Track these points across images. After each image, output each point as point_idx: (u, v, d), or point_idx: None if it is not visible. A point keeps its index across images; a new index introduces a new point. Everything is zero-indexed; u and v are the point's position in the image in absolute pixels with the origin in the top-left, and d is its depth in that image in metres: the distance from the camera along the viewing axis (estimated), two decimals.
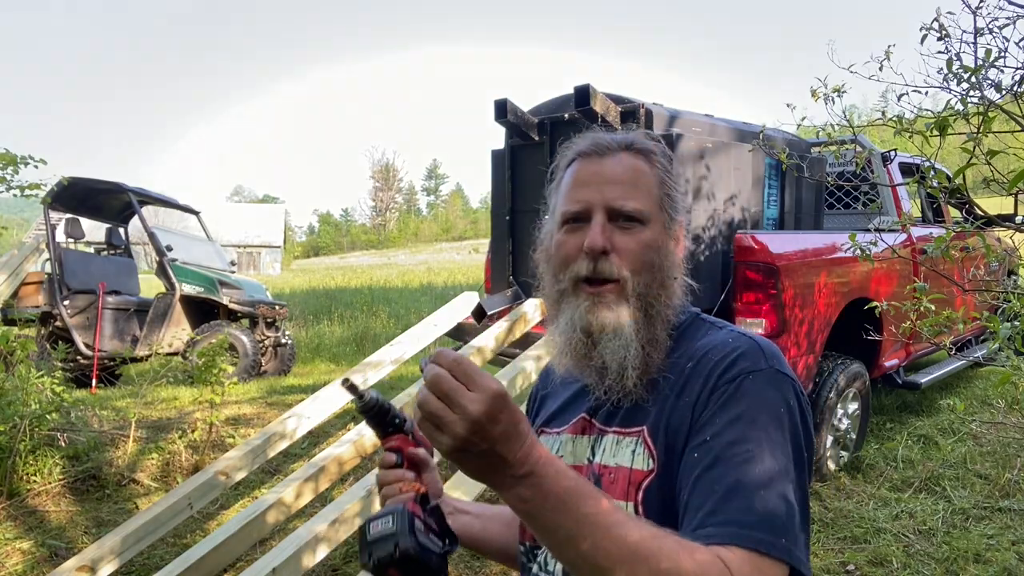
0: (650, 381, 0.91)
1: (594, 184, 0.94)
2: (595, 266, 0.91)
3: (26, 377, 3.74)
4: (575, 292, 0.94)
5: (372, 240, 69.40)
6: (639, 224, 0.92)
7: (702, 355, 0.89)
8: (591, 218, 0.92)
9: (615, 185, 0.93)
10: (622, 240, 0.91)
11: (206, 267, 7.63)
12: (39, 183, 4.73)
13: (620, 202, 0.92)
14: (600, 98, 3.39)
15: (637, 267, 0.91)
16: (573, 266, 0.93)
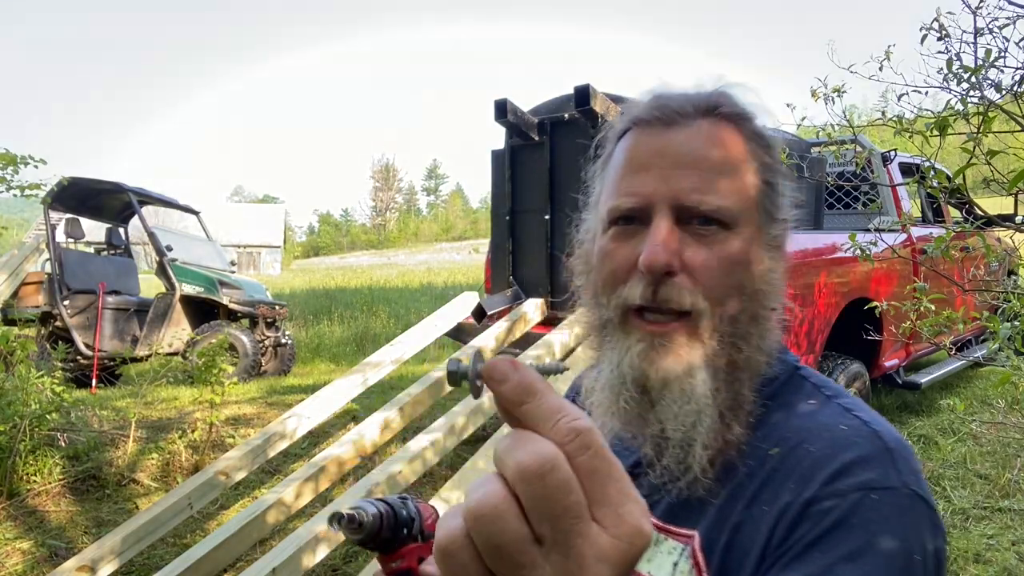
0: (725, 464, 0.63)
1: (657, 168, 0.65)
2: (655, 291, 0.63)
3: (26, 377, 3.73)
4: (625, 326, 0.66)
5: (372, 240, 69.42)
6: (723, 229, 0.63)
7: (798, 442, 0.61)
8: (651, 219, 0.64)
9: (689, 170, 0.64)
10: (697, 254, 0.63)
11: (206, 267, 7.63)
12: (39, 183, 4.73)
13: (696, 196, 0.63)
14: (600, 98, 3.39)
15: (718, 293, 0.63)
16: (623, 288, 0.65)
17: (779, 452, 0.61)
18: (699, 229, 0.64)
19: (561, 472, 0.29)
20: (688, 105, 0.67)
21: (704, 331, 0.63)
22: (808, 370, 0.71)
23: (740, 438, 0.63)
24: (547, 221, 3.92)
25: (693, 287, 0.63)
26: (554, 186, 3.89)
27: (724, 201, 0.64)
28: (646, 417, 0.65)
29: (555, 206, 3.90)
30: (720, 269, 0.63)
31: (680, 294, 0.63)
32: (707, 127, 0.66)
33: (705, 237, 0.64)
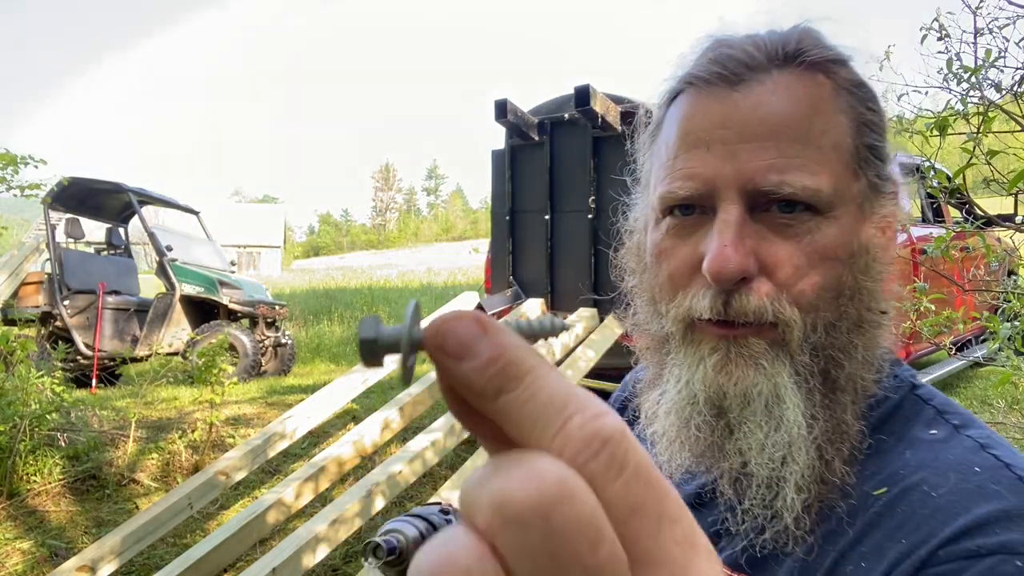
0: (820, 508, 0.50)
1: (720, 142, 0.51)
2: (726, 303, 0.50)
3: (26, 377, 3.74)
4: (692, 335, 0.53)
5: (372, 240, 69.46)
6: (813, 214, 0.50)
7: (914, 483, 0.47)
8: (715, 208, 0.51)
9: (763, 143, 0.49)
10: (779, 250, 0.50)
11: (206, 267, 7.63)
12: (39, 183, 4.74)
13: (774, 176, 0.49)
14: (600, 98, 3.39)
15: (810, 297, 0.50)
16: (685, 297, 0.53)
17: (886, 493, 0.48)
18: (780, 217, 0.50)
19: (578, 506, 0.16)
20: (759, 54, 0.51)
21: (793, 343, 0.50)
22: (928, 389, 0.55)
23: (842, 477, 0.49)
24: (547, 221, 3.92)
25: (776, 292, 0.49)
26: (554, 186, 3.89)
27: (813, 179, 0.49)
28: (723, 446, 0.52)
29: (555, 206, 3.90)
30: (811, 267, 0.49)
31: (759, 305, 0.49)
32: (787, 81, 0.51)
33: (789, 227, 0.50)
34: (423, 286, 18.04)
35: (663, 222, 0.55)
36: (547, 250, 3.94)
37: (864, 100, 0.53)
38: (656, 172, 0.56)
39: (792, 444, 0.49)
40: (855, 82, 0.53)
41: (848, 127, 0.52)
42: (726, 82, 0.51)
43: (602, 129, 3.55)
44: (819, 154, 0.50)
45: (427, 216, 79.18)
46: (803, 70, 0.51)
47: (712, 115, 0.52)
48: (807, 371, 0.50)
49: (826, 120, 0.51)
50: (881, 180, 0.54)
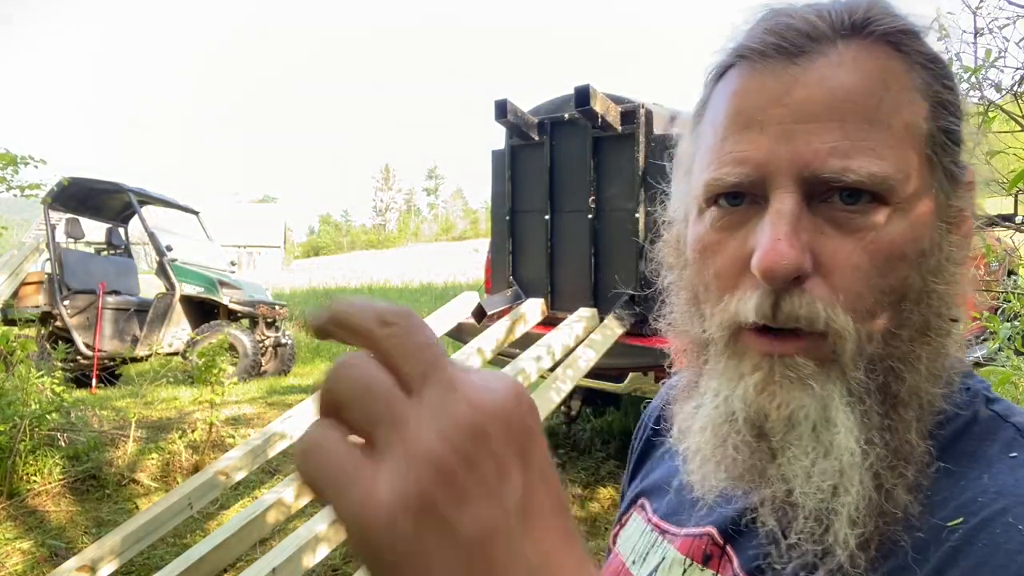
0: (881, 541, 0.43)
1: (775, 122, 0.44)
2: (775, 305, 0.44)
3: (26, 377, 3.74)
4: (735, 346, 0.48)
5: (372, 240, 69.45)
6: (879, 205, 0.43)
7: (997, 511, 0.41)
8: (767, 197, 0.45)
9: (826, 123, 0.43)
10: (839, 247, 0.44)
11: (206, 267, 7.63)
12: (39, 183, 4.74)
13: (836, 162, 0.43)
14: (600, 98, 3.39)
15: (868, 302, 0.44)
16: (731, 298, 0.47)
17: (962, 524, 0.41)
18: (842, 208, 0.43)
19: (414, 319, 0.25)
20: (822, 23, 0.45)
21: (845, 357, 0.44)
22: (1006, 404, 0.48)
23: (907, 508, 0.43)
24: (547, 221, 3.92)
25: (831, 296, 0.43)
26: (554, 186, 3.89)
27: (881, 165, 0.42)
28: (764, 471, 0.46)
29: (555, 206, 3.90)
30: (874, 267, 0.43)
31: (812, 309, 0.43)
32: (853, 54, 0.44)
33: (851, 220, 0.43)
34: (423, 286, 18.04)
35: (707, 213, 0.48)
36: (547, 250, 3.94)
37: (940, 77, 0.46)
38: (700, 156, 0.49)
39: (844, 473, 0.43)
40: (930, 56, 0.46)
41: (923, 107, 0.45)
42: (784, 54, 0.45)
43: (602, 129, 3.54)
44: (890, 136, 0.43)
45: (427, 216, 79.18)
46: (872, 42, 0.45)
47: (767, 92, 0.45)
48: (862, 389, 0.44)
49: (898, 98, 0.44)
50: (958, 168, 0.46)
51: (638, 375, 3.50)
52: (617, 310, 3.48)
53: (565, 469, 4.23)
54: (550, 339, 3.37)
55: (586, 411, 5.15)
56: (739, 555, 0.50)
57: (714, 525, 0.53)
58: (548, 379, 3.00)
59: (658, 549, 0.57)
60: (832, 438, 0.43)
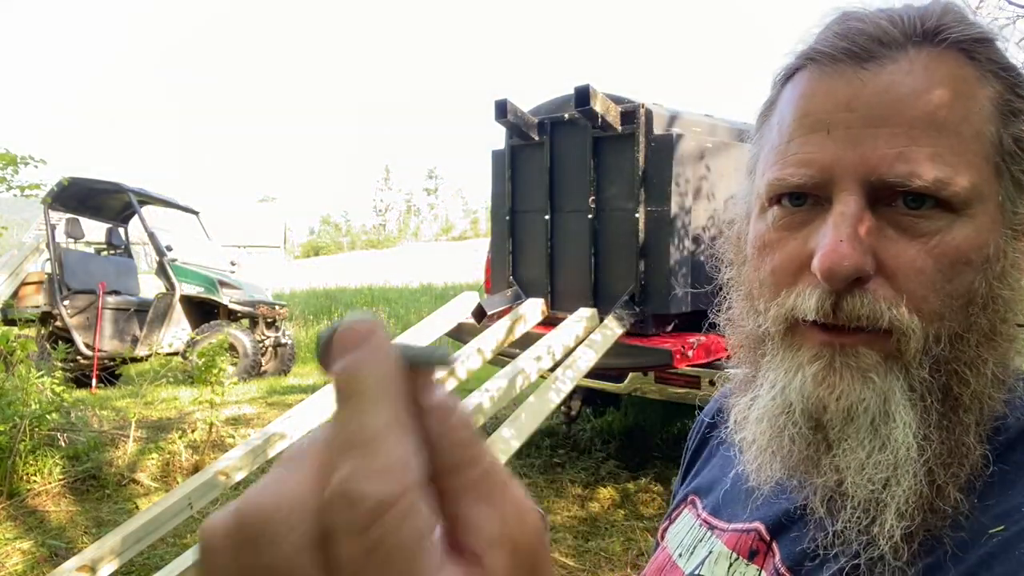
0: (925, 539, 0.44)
1: (843, 126, 0.45)
2: (836, 304, 0.45)
3: (26, 377, 3.74)
4: (792, 338, 0.49)
5: (372, 240, 69.45)
6: (944, 211, 0.44)
7: None
8: (831, 197, 0.46)
9: (893, 128, 0.44)
10: (903, 251, 0.45)
11: (206, 267, 7.64)
12: (39, 183, 4.74)
13: (903, 167, 0.44)
14: (600, 98, 3.39)
15: (934, 305, 0.44)
16: (789, 295, 0.48)
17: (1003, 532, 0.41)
18: (907, 213, 0.44)
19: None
20: (894, 29, 0.45)
21: (910, 355, 0.44)
22: None
23: (956, 507, 0.44)
24: (547, 221, 3.92)
25: (895, 297, 0.44)
26: (554, 186, 3.89)
27: (948, 172, 0.43)
28: (819, 461, 0.47)
29: (555, 206, 3.90)
30: (938, 271, 0.44)
31: (874, 308, 0.44)
32: (924, 61, 0.45)
33: (916, 224, 0.44)
34: (423, 286, 18.04)
35: (769, 211, 0.49)
36: (547, 250, 3.93)
37: (1012, 86, 0.46)
38: (765, 156, 0.51)
39: (898, 466, 0.44)
40: (1003, 65, 0.46)
41: (992, 115, 0.45)
42: (854, 59, 0.45)
43: (602, 129, 3.54)
44: (958, 143, 0.44)
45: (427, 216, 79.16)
46: (944, 49, 0.45)
47: (836, 95, 0.46)
48: (924, 387, 0.44)
49: (967, 106, 0.44)
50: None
51: (638, 375, 3.50)
52: (617, 310, 3.48)
53: (565, 469, 4.23)
54: (550, 339, 3.37)
55: (586, 411, 5.15)
56: (782, 549, 0.51)
57: (762, 521, 0.54)
58: (548, 379, 3.00)
59: (706, 543, 0.58)
60: (890, 432, 0.44)
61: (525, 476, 4.12)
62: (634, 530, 3.37)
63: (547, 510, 3.60)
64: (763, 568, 0.52)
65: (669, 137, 3.38)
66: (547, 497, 3.76)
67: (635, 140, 3.45)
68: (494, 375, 3.14)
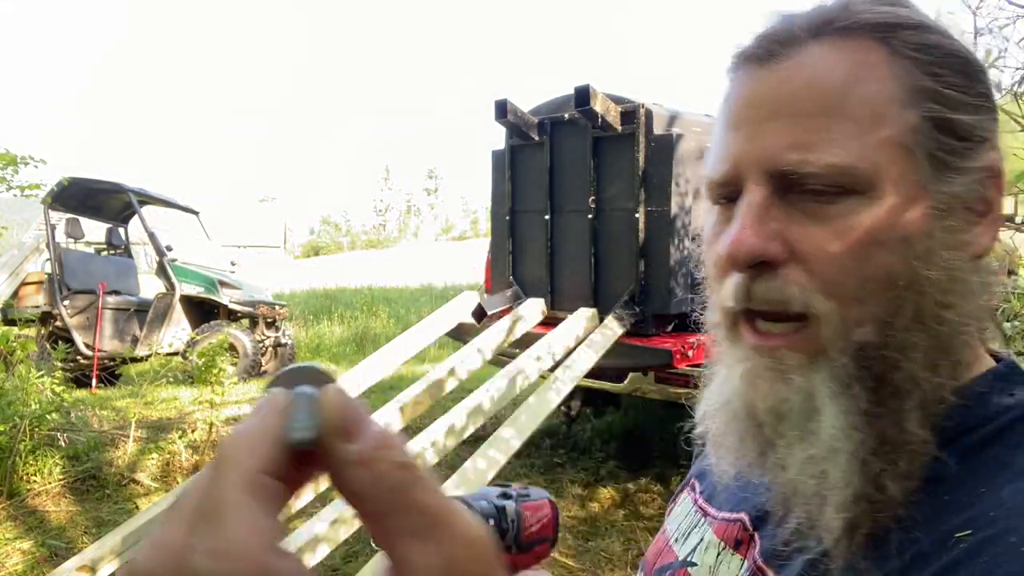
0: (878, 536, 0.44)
1: (747, 122, 0.48)
2: (749, 288, 0.47)
3: (26, 377, 3.74)
4: (733, 334, 0.50)
5: (372, 240, 69.44)
6: (849, 195, 0.45)
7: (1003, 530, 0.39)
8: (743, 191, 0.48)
9: (785, 120, 0.46)
10: (809, 235, 0.46)
11: (206, 267, 7.64)
12: (39, 183, 4.74)
13: (793, 155, 0.45)
14: (600, 98, 3.39)
15: (848, 288, 0.45)
16: (721, 286, 0.50)
17: (969, 537, 0.40)
18: (812, 199, 0.45)
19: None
20: (795, 27, 0.47)
21: (829, 342, 0.45)
22: None
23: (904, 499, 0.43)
24: (547, 221, 3.92)
25: (808, 281, 0.45)
26: (554, 186, 3.89)
27: (841, 156, 0.44)
28: (766, 458, 0.48)
29: (555, 206, 3.90)
30: (850, 254, 0.44)
31: (784, 292, 0.45)
32: (823, 51, 0.46)
33: (823, 210, 0.45)
34: (423, 286, 18.04)
35: (714, 209, 0.52)
36: (547, 250, 3.93)
37: (929, 65, 0.46)
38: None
39: (828, 459, 0.44)
40: (920, 45, 0.46)
41: (902, 96, 0.45)
42: (760, 59, 0.48)
43: (602, 129, 3.54)
44: (855, 128, 0.44)
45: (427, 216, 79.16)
46: (847, 37, 0.46)
47: (743, 95, 0.49)
48: (849, 376, 0.44)
49: (868, 89, 0.45)
50: (949, 156, 0.45)
51: (638, 375, 3.50)
52: (617, 310, 3.48)
53: (565, 469, 4.23)
54: (550, 339, 3.37)
55: (586, 411, 5.15)
56: (762, 542, 0.52)
57: (747, 512, 0.55)
58: (548, 379, 3.00)
59: (699, 530, 0.60)
60: (817, 426, 0.45)
61: (525, 476, 4.11)
62: (634, 530, 3.37)
63: None
64: (746, 559, 0.53)
65: (669, 137, 3.38)
66: None
67: (635, 140, 3.45)
68: (494, 375, 3.14)
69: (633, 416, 5.03)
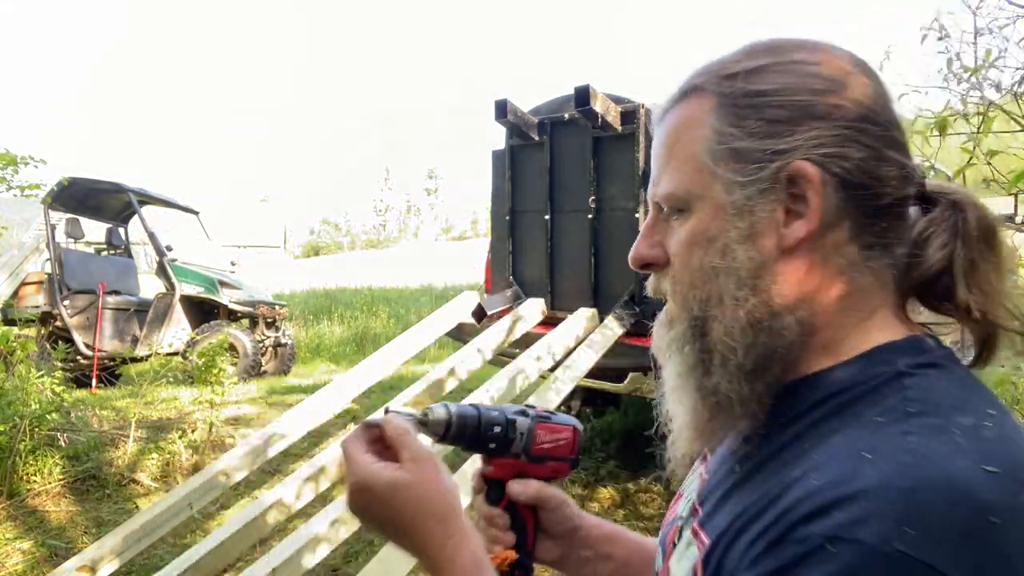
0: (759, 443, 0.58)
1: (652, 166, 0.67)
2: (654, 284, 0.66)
3: (26, 377, 3.74)
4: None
5: (372, 240, 69.41)
6: (682, 213, 0.61)
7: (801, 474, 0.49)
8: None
9: (656, 163, 0.64)
10: (670, 243, 0.62)
11: (206, 267, 7.64)
12: (39, 183, 4.74)
13: (653, 189, 0.63)
14: (600, 98, 3.39)
15: (681, 276, 0.61)
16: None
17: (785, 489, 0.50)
18: (670, 218, 0.62)
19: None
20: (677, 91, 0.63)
21: (675, 316, 0.63)
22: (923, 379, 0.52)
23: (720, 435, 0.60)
24: (547, 221, 3.92)
25: (672, 276, 0.62)
26: (554, 186, 3.89)
27: (669, 185, 0.61)
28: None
29: (555, 206, 3.90)
30: (682, 253, 0.60)
31: (659, 284, 0.65)
32: (677, 109, 0.62)
33: (672, 224, 0.62)
34: (423, 286, 18.04)
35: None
36: (547, 250, 3.93)
37: (737, 107, 0.58)
38: None
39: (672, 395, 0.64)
40: (743, 91, 0.58)
41: (707, 136, 0.59)
42: (657, 119, 0.65)
43: (602, 129, 3.54)
44: (681, 162, 0.60)
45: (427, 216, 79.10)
46: (697, 94, 0.61)
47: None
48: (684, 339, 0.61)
49: (694, 132, 0.60)
50: (739, 175, 0.57)
51: (638, 375, 3.50)
52: (617, 310, 3.48)
53: None
54: (550, 339, 3.37)
55: (586, 411, 5.15)
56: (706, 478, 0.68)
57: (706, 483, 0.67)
58: (548, 379, 3.00)
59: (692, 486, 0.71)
60: (665, 372, 0.64)
61: None
62: (634, 530, 3.37)
63: None
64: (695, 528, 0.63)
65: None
66: None
67: (635, 140, 3.46)
68: (494, 375, 3.14)
69: (633, 416, 5.03)
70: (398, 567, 2.16)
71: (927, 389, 0.51)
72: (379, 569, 2.16)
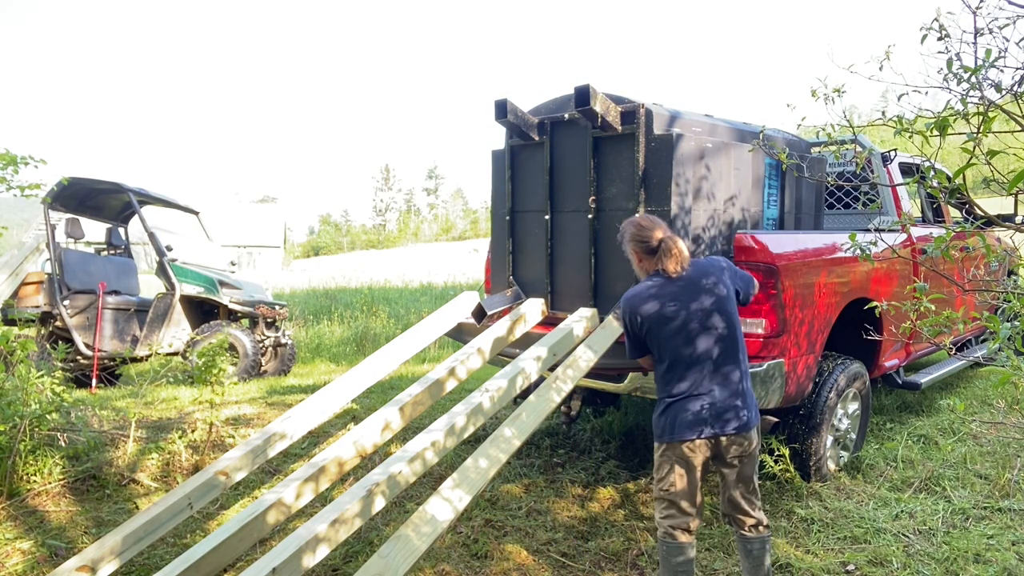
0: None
1: None
2: None
3: (26, 377, 3.73)
4: None
5: (372, 240, 69.36)
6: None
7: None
8: None
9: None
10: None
11: (206, 267, 7.64)
12: (39, 183, 4.73)
13: None
14: (600, 98, 3.39)
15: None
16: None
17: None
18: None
19: None
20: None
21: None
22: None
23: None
24: (547, 221, 3.92)
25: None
26: (554, 186, 3.89)
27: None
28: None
29: (555, 206, 3.90)
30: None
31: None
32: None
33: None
34: (423, 286, 18.04)
35: None
36: (547, 250, 3.93)
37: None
38: None
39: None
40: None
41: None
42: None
43: (602, 129, 3.54)
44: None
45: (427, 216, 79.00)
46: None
47: None
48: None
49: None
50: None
51: (638, 375, 3.50)
52: (617, 310, 3.48)
53: (565, 469, 4.23)
54: (550, 339, 3.37)
55: (586, 411, 5.15)
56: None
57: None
58: (548, 379, 3.00)
59: None
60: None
61: (525, 476, 4.11)
62: (634, 530, 3.37)
63: (547, 510, 3.60)
64: None
65: (669, 137, 3.38)
66: (547, 497, 3.76)
67: (635, 140, 3.45)
68: (494, 375, 3.14)
69: (633, 416, 5.03)
70: (398, 565, 2.16)
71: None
72: (380, 564, 2.16)
